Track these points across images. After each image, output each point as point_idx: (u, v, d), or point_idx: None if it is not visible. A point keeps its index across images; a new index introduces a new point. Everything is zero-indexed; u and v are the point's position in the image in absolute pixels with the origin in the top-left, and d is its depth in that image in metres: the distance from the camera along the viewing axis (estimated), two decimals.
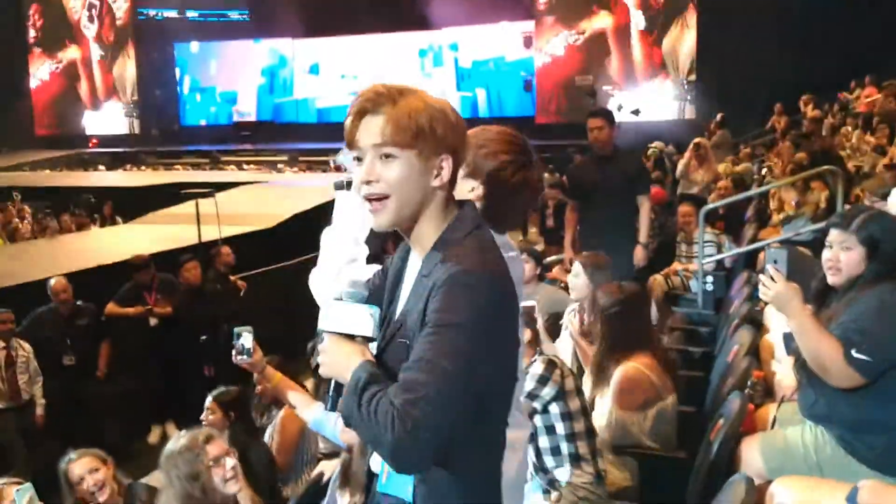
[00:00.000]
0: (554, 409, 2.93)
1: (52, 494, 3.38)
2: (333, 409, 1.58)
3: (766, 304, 4.14)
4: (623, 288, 3.52)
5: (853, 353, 2.47)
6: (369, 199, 1.57)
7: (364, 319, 1.58)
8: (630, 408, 3.27)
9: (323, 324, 1.60)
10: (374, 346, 1.62)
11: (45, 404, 5.98)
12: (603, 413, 3.32)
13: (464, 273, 1.48)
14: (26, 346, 5.95)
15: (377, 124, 1.53)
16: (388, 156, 1.54)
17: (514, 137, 2.00)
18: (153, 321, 6.67)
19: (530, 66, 22.91)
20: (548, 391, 2.90)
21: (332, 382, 1.60)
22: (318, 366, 3.12)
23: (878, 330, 2.49)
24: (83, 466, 3.35)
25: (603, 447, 3.14)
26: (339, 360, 1.56)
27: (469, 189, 1.94)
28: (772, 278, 2.59)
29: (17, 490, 2.99)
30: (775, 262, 2.68)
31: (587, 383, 3.47)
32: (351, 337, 1.58)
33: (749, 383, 3.28)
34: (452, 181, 1.61)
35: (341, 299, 1.61)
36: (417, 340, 1.48)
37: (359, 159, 1.58)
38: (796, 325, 2.57)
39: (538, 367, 2.92)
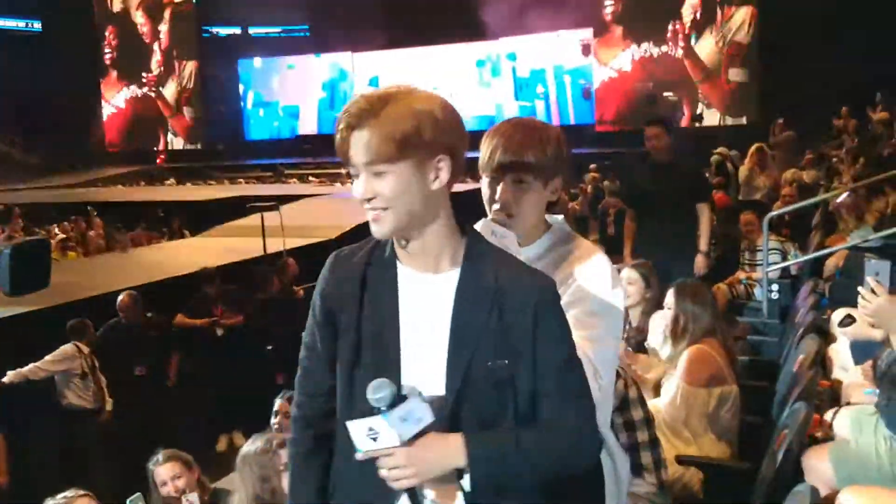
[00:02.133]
0: (617, 419, 2.91)
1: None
2: None
3: (832, 311, 4.07)
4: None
5: None
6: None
7: (423, 411, 1.44)
8: (697, 383, 3.30)
9: (373, 445, 1.44)
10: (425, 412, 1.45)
11: (113, 403, 6.20)
12: (668, 391, 3.37)
13: (555, 291, 1.58)
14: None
15: (364, 141, 1.47)
16: (379, 172, 1.48)
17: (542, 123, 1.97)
18: (219, 331, 6.85)
19: (589, 74, 22.79)
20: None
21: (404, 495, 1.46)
22: None
23: None
24: (167, 472, 3.33)
25: (664, 426, 3.14)
26: (434, 458, 1.46)
27: (554, 189, 1.90)
28: (873, 291, 2.48)
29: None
30: (877, 273, 2.55)
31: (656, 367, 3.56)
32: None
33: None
34: (454, 179, 1.54)
35: (379, 411, 1.43)
36: (540, 352, 1.52)
37: (355, 175, 1.52)
38: None
39: None
